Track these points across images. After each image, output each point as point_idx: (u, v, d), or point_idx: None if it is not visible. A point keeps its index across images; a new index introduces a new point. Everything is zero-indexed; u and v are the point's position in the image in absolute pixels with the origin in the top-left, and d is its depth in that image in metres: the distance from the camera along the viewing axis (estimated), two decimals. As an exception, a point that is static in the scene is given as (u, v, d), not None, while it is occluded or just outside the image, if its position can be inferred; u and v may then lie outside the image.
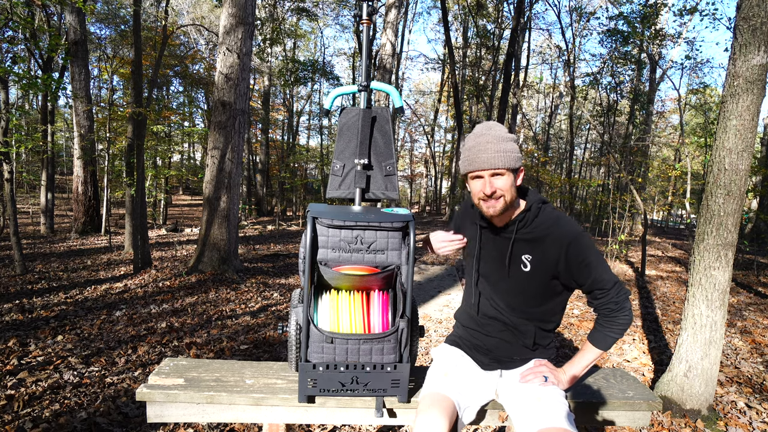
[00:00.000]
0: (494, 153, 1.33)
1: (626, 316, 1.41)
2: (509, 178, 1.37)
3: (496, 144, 1.34)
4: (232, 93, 6.06)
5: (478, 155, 1.35)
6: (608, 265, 1.43)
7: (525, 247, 1.45)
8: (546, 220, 1.43)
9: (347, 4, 18.61)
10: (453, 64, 11.43)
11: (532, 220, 1.44)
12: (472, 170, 1.38)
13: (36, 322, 3.99)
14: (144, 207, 6.36)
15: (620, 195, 10.44)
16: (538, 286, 1.46)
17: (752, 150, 2.45)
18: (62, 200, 18.89)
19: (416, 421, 1.33)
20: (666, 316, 4.92)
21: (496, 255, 1.51)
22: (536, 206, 1.44)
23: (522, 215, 1.44)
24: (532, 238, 1.43)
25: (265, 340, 3.77)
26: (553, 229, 1.41)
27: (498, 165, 1.34)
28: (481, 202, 1.41)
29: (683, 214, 24.40)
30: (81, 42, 9.69)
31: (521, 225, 1.44)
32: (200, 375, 1.62)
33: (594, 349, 1.46)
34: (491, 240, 1.53)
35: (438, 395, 1.40)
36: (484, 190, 1.37)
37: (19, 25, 5.64)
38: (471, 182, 1.42)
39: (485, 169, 1.35)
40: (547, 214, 1.44)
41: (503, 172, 1.35)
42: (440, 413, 1.32)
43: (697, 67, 14.88)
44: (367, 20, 1.77)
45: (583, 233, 1.41)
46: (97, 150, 11.48)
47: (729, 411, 2.78)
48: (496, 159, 1.33)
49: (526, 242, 1.44)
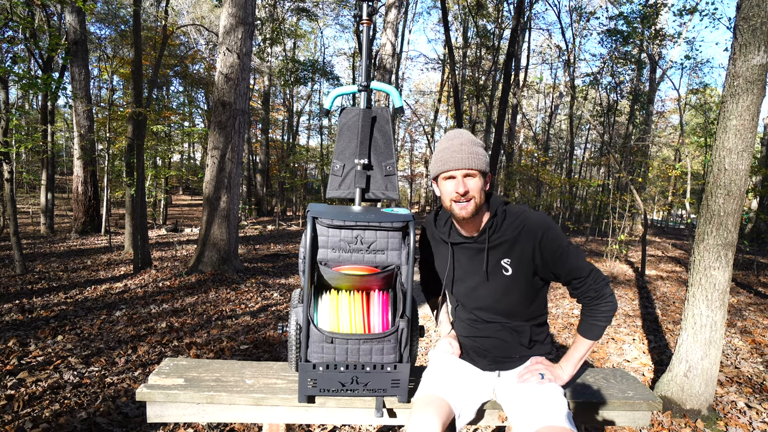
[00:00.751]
0: (467, 154, 1.37)
1: (608, 303, 1.42)
2: (480, 180, 1.39)
3: (469, 146, 1.38)
4: (232, 93, 6.06)
5: (452, 155, 1.38)
6: (582, 252, 1.44)
7: (501, 251, 1.45)
8: (514, 219, 1.44)
9: (347, 4, 18.62)
10: (453, 64, 11.43)
11: (501, 223, 1.45)
12: (446, 170, 1.39)
13: (36, 322, 3.99)
14: (144, 207, 6.36)
15: (620, 195, 10.44)
16: (523, 286, 1.46)
17: (752, 150, 2.45)
18: (62, 200, 18.89)
19: (409, 421, 1.33)
20: (666, 316, 4.92)
21: (473, 269, 1.50)
22: (501, 210, 1.46)
23: (491, 222, 1.45)
24: (506, 241, 1.43)
25: (265, 340, 3.77)
26: (523, 226, 1.42)
27: (471, 165, 1.37)
28: (453, 204, 1.41)
29: (683, 214, 24.40)
30: (81, 42, 9.69)
31: (492, 231, 1.45)
32: (200, 375, 1.62)
33: (585, 340, 1.47)
34: (464, 255, 1.51)
35: (432, 396, 1.40)
36: (457, 189, 1.37)
37: (19, 25, 5.64)
38: (443, 183, 1.43)
39: (459, 169, 1.37)
40: (512, 213, 1.46)
41: (475, 173, 1.38)
42: (434, 414, 1.32)
43: (697, 67, 14.89)
44: (367, 20, 1.77)
45: (552, 223, 1.42)
46: (97, 150, 11.48)
47: (729, 411, 2.78)
48: (470, 160, 1.37)
49: (501, 247, 1.44)
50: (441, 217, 1.61)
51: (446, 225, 1.56)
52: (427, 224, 1.65)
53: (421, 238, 1.71)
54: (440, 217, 1.61)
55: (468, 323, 1.57)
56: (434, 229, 1.59)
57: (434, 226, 1.60)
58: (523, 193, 15.65)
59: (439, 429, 1.29)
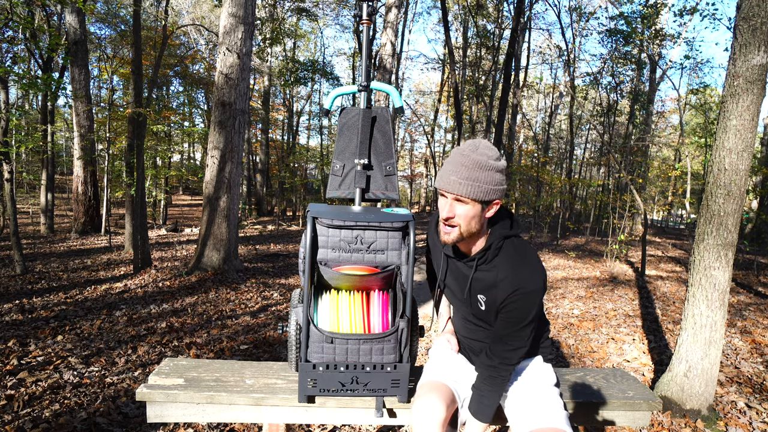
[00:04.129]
0: (463, 179, 1.22)
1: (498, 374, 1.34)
2: (473, 208, 1.25)
3: (472, 171, 1.22)
4: (232, 93, 6.06)
5: (449, 175, 1.24)
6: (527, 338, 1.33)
7: (480, 287, 1.37)
8: (506, 264, 1.31)
9: (347, 4, 18.61)
10: (453, 64, 11.43)
11: (491, 258, 1.33)
12: (439, 187, 1.28)
13: (36, 322, 3.98)
14: (144, 207, 6.36)
15: (620, 195, 10.44)
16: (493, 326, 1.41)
17: (752, 150, 2.45)
18: (62, 200, 18.88)
19: (414, 405, 1.32)
20: (666, 316, 4.92)
21: (458, 287, 1.47)
22: (496, 244, 1.32)
23: (482, 253, 1.34)
24: (488, 280, 1.34)
25: (265, 340, 3.77)
26: (507, 277, 1.29)
27: (461, 192, 1.22)
28: (440, 224, 1.33)
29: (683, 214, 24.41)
30: (81, 42, 9.68)
31: (481, 262, 1.35)
32: (200, 375, 1.62)
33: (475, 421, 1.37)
34: (455, 269, 1.47)
35: (437, 382, 1.39)
36: (442, 212, 1.28)
37: (19, 25, 5.64)
38: (439, 198, 1.33)
39: (449, 192, 1.25)
40: (508, 255, 1.32)
41: (467, 201, 1.24)
42: (439, 398, 1.31)
43: (697, 67, 14.88)
44: (367, 20, 1.77)
45: (536, 291, 1.27)
46: (97, 150, 11.48)
47: (729, 411, 2.78)
48: (462, 186, 1.22)
49: (482, 282, 1.36)
50: None
51: None
52: (431, 225, 1.65)
53: (428, 232, 1.71)
54: None
55: (463, 322, 1.57)
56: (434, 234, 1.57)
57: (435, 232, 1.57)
58: (523, 192, 15.64)
59: (443, 413, 1.29)
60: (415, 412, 1.30)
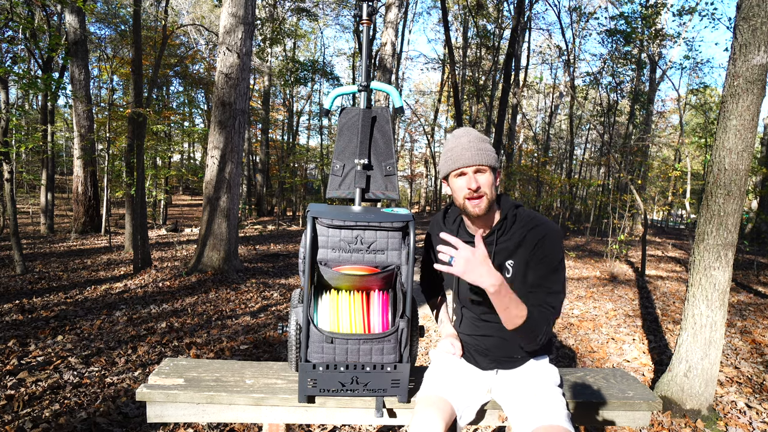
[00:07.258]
0: (477, 150, 1.39)
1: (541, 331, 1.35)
2: (490, 176, 1.41)
3: (477, 143, 1.40)
4: (232, 93, 6.06)
5: (461, 153, 1.39)
6: (564, 278, 1.42)
7: (507, 253, 1.45)
8: (524, 223, 1.44)
9: (347, 4, 18.62)
10: (453, 64, 11.43)
11: (510, 226, 1.46)
12: (456, 167, 1.40)
13: (36, 322, 3.98)
14: (144, 207, 6.36)
15: (620, 195, 10.45)
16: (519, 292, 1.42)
17: (752, 150, 2.45)
18: (62, 200, 18.89)
19: (412, 421, 1.33)
20: (666, 316, 4.92)
21: None
22: (512, 213, 1.47)
23: (500, 224, 1.46)
24: (510, 246, 1.44)
25: (265, 340, 3.77)
26: (533, 226, 1.43)
27: (482, 161, 1.38)
28: (466, 202, 1.41)
29: (683, 214, 24.41)
30: (81, 42, 9.69)
31: (500, 233, 1.46)
32: (200, 375, 1.62)
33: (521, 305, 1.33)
34: None
35: (435, 397, 1.40)
36: (469, 185, 1.38)
37: (19, 25, 5.64)
38: (454, 181, 1.43)
39: (470, 166, 1.38)
40: (523, 217, 1.46)
41: (485, 169, 1.40)
42: (437, 414, 1.32)
43: (697, 67, 14.89)
44: (367, 20, 1.77)
45: (558, 231, 1.42)
46: (97, 150, 11.48)
47: (729, 411, 2.78)
48: (479, 156, 1.38)
49: (507, 249, 1.45)
50: (450, 216, 1.61)
51: (455, 223, 1.57)
52: (435, 223, 1.65)
53: (425, 239, 1.71)
54: (449, 215, 1.62)
55: (470, 321, 1.58)
56: (443, 226, 1.60)
57: (443, 223, 1.61)
58: (523, 192, 15.64)
59: (441, 429, 1.29)
60: (414, 428, 1.31)
